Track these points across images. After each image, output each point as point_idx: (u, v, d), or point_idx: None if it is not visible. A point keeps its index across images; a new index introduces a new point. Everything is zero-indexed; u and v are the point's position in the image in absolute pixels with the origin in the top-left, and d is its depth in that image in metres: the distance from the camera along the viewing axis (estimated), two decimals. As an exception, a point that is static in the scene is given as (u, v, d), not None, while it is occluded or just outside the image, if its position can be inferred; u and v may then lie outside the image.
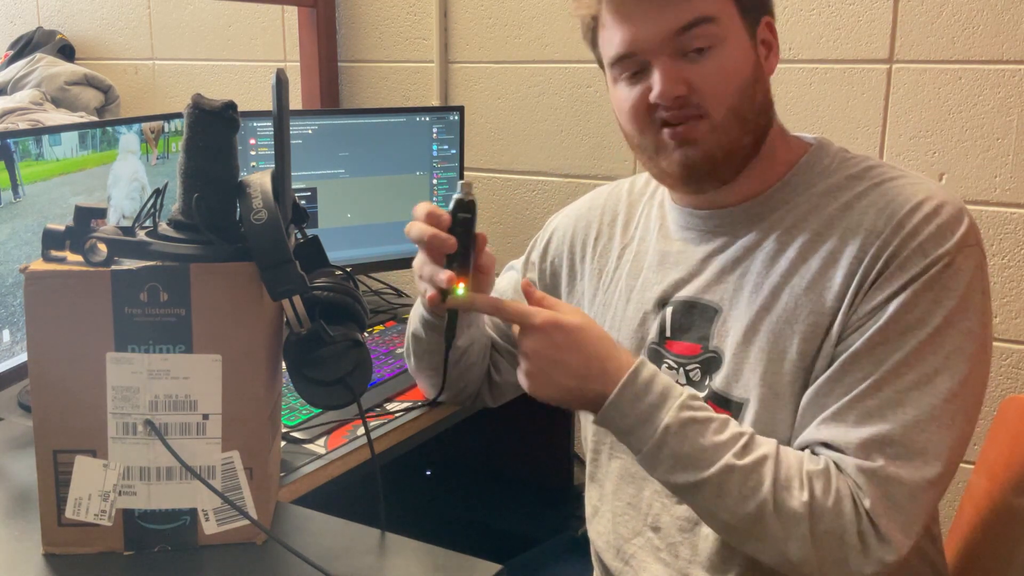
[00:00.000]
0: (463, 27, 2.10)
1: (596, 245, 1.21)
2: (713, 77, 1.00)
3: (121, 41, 2.55)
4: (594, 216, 1.24)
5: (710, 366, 1.06)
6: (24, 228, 1.25)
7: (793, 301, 1.01)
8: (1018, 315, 1.69)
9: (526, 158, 2.08)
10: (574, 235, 1.24)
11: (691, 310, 1.08)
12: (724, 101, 1.01)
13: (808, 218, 1.04)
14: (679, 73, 1.00)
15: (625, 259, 1.17)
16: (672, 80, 1.00)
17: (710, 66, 1.00)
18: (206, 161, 0.91)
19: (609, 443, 1.15)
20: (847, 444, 0.94)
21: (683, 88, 1.00)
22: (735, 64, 1.01)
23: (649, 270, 1.14)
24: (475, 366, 1.24)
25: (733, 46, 1.01)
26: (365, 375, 0.97)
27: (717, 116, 1.01)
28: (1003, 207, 1.67)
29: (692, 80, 1.00)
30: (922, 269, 0.95)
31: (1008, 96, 1.63)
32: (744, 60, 1.02)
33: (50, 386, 0.89)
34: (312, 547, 0.93)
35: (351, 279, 1.00)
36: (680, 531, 1.07)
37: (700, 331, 1.07)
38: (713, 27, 0.99)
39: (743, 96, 1.02)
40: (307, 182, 1.79)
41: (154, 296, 0.88)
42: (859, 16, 1.72)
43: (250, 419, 0.92)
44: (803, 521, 0.92)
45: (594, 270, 1.21)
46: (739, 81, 1.01)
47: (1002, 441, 1.17)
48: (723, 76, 1.01)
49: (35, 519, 0.93)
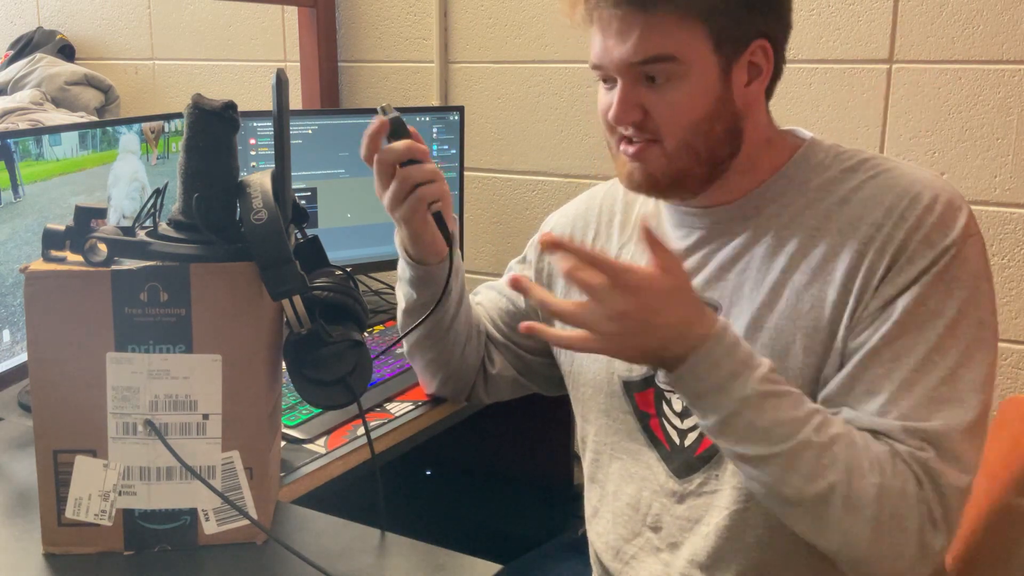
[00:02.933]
0: (463, 27, 2.10)
1: (594, 245, 1.22)
2: (668, 109, 1.01)
3: (121, 41, 2.55)
4: (591, 215, 1.24)
5: None
6: (24, 228, 1.25)
7: (795, 297, 1.01)
8: (1018, 315, 1.69)
9: (526, 158, 2.08)
10: (572, 235, 1.24)
11: None
12: (675, 133, 1.01)
13: (805, 213, 1.04)
14: (636, 98, 1.01)
15: (623, 258, 1.17)
16: (627, 105, 1.01)
17: (667, 98, 1.00)
18: (206, 161, 0.91)
19: (610, 444, 1.15)
20: (891, 430, 0.93)
21: (638, 114, 1.01)
22: (692, 100, 1.01)
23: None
24: (468, 346, 1.26)
25: (694, 83, 1.00)
26: (365, 375, 0.97)
27: (669, 145, 1.02)
28: (1003, 207, 1.67)
29: (648, 106, 1.01)
30: (931, 261, 0.96)
31: (1008, 96, 1.63)
32: (704, 96, 1.01)
33: (50, 386, 0.89)
34: (312, 547, 0.93)
35: (351, 279, 1.00)
36: (681, 531, 1.07)
37: None
38: (672, 65, 0.99)
39: (697, 132, 1.01)
40: (307, 182, 1.79)
41: (154, 296, 0.88)
42: (859, 16, 1.72)
43: (250, 419, 0.92)
44: (872, 503, 0.90)
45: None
46: (694, 117, 1.01)
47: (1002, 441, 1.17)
48: (677, 110, 1.01)
49: (35, 519, 0.93)
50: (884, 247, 0.97)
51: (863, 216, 1.00)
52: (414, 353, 1.30)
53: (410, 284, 1.23)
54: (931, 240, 0.96)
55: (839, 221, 1.01)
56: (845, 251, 0.99)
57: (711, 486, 1.05)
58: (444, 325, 1.23)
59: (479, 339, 1.29)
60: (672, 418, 1.09)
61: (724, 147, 1.04)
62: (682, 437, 1.08)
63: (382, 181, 1.16)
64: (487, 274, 2.13)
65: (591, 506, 1.20)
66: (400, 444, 1.32)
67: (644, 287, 0.90)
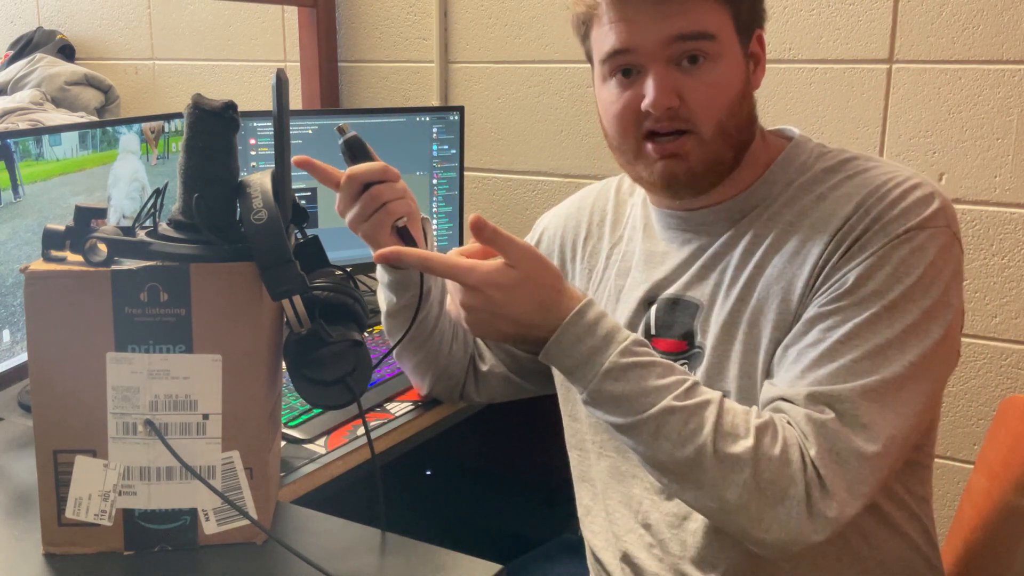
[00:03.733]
0: (463, 27, 2.10)
1: (586, 245, 1.22)
2: (705, 91, 1.01)
3: (121, 41, 2.55)
4: (583, 216, 1.24)
5: (696, 362, 1.06)
6: (24, 228, 1.25)
7: (765, 291, 1.02)
8: (1018, 315, 1.69)
9: (526, 158, 2.08)
10: (564, 235, 1.25)
11: (674, 307, 1.09)
12: (713, 116, 1.01)
13: (783, 211, 1.05)
14: (672, 83, 1.00)
15: (613, 259, 1.19)
16: (665, 89, 1.00)
17: (703, 79, 1.01)
18: (206, 161, 0.91)
19: (599, 442, 1.15)
20: (796, 395, 0.94)
21: (675, 99, 1.00)
22: (727, 80, 1.02)
23: (636, 270, 1.15)
24: (455, 343, 1.27)
25: (728, 63, 1.02)
26: (365, 375, 0.97)
27: (705, 131, 1.02)
28: (1003, 207, 1.66)
29: (683, 92, 1.01)
30: (883, 243, 0.97)
31: (1008, 96, 1.63)
32: (736, 76, 1.03)
33: (50, 386, 0.89)
34: (312, 547, 0.93)
35: (351, 279, 1.00)
36: (669, 527, 1.07)
37: (683, 327, 1.08)
38: (711, 44, 1.00)
39: (731, 112, 1.02)
40: (307, 182, 1.79)
41: (154, 296, 0.88)
42: (859, 16, 1.72)
43: (250, 419, 0.92)
44: (746, 467, 0.91)
45: (584, 270, 1.22)
46: (730, 97, 1.02)
47: (1002, 441, 1.17)
48: (715, 91, 1.01)
49: (35, 519, 0.93)
50: (845, 237, 0.99)
51: (835, 211, 1.01)
52: (402, 355, 1.31)
53: (388, 288, 1.23)
54: (887, 228, 0.97)
55: (813, 217, 1.02)
56: (814, 244, 1.00)
57: None
58: (428, 326, 1.24)
59: (465, 335, 1.30)
60: None
61: (748, 132, 1.06)
62: None
63: (347, 200, 1.15)
64: (487, 274, 2.13)
65: (583, 505, 1.21)
66: (400, 444, 1.32)
67: (485, 284, 0.95)
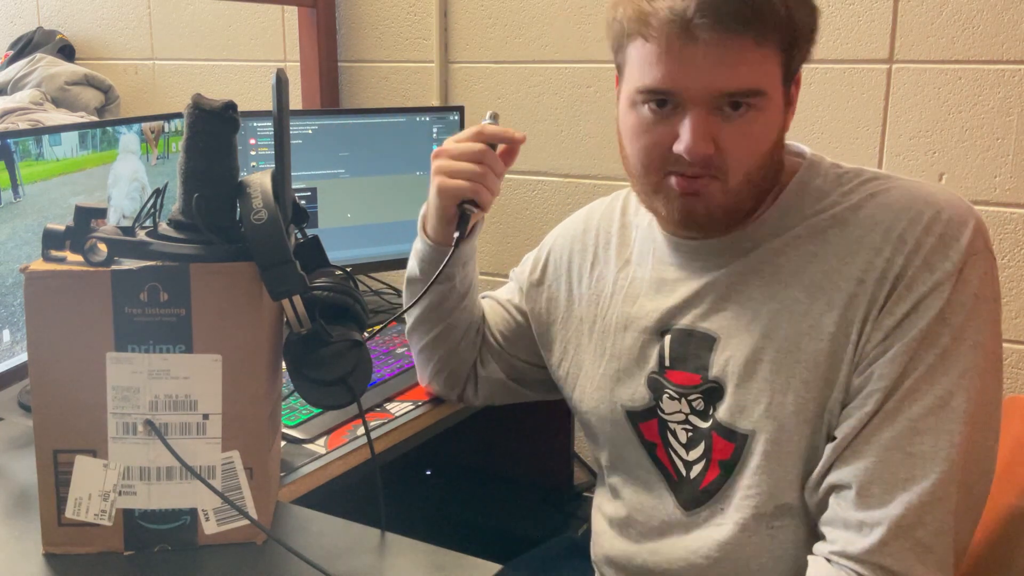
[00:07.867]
0: (463, 27, 2.10)
1: (592, 271, 1.19)
2: (743, 142, 0.96)
3: (121, 41, 2.55)
4: (589, 239, 1.21)
5: (712, 396, 1.03)
6: (24, 228, 1.25)
7: (793, 329, 0.98)
8: (1018, 315, 1.69)
9: (526, 158, 2.08)
10: (570, 259, 1.22)
11: (688, 339, 1.06)
12: (744, 167, 0.97)
13: (802, 240, 1.01)
14: (710, 129, 0.95)
15: (620, 285, 1.15)
16: (703, 138, 0.95)
17: (742, 129, 0.96)
18: (206, 161, 0.91)
19: (622, 469, 1.14)
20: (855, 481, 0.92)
21: (711, 147, 0.95)
22: (765, 133, 0.97)
23: (645, 297, 1.11)
24: (466, 339, 1.27)
25: (769, 115, 0.97)
26: (365, 375, 0.97)
27: (733, 181, 0.97)
28: (1003, 207, 1.66)
29: (720, 139, 0.95)
30: (929, 288, 0.93)
31: (1008, 96, 1.63)
32: (774, 127, 0.98)
33: (50, 386, 0.89)
34: (312, 547, 0.93)
35: (351, 279, 1.00)
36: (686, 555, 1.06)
37: (698, 360, 1.04)
38: (760, 99, 0.95)
39: (762, 164, 0.98)
40: (307, 182, 1.79)
41: (154, 296, 0.88)
42: (859, 16, 1.72)
43: (250, 419, 0.92)
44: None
45: (592, 296, 1.18)
46: (763, 150, 0.98)
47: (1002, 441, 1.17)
48: (752, 142, 0.97)
49: (35, 519, 0.93)
50: (885, 275, 0.94)
51: (861, 239, 0.97)
52: (413, 334, 1.31)
53: (418, 258, 1.25)
54: (930, 263, 0.93)
55: (837, 245, 0.98)
56: (843, 278, 0.97)
57: (716, 520, 1.03)
58: (449, 305, 1.25)
59: (477, 336, 1.29)
60: (678, 448, 1.07)
61: (774, 180, 1.02)
62: (688, 469, 1.06)
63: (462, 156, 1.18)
64: (487, 274, 2.13)
65: (603, 513, 1.17)
66: (400, 444, 1.32)
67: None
